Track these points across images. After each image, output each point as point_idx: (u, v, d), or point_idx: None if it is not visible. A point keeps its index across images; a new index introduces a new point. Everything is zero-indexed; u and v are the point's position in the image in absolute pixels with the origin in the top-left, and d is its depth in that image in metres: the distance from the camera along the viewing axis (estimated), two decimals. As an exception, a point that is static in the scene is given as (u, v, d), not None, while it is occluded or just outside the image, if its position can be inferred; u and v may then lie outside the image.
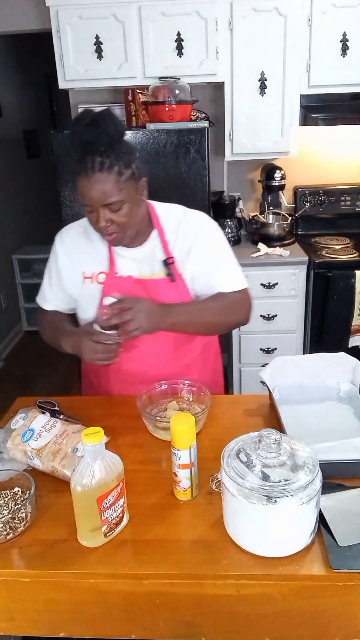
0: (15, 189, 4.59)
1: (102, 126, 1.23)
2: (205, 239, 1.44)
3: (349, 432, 1.24)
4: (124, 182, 1.27)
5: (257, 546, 0.93)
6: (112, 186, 1.25)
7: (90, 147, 1.24)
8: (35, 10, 2.94)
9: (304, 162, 3.16)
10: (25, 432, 1.18)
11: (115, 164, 1.25)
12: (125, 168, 1.27)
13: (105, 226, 1.30)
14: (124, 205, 1.29)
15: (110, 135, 1.25)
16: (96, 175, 1.24)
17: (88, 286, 1.46)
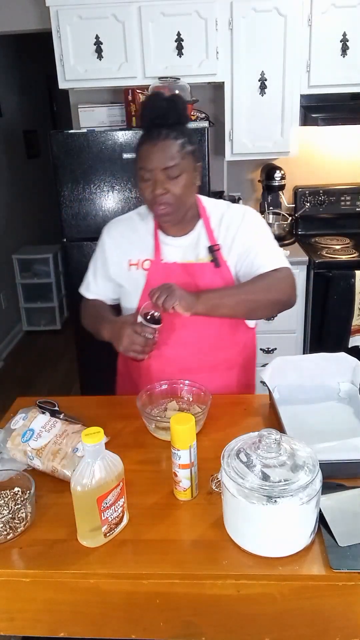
0: (15, 189, 4.59)
1: (174, 103, 1.36)
2: (248, 224, 1.49)
3: (349, 432, 1.24)
4: (185, 153, 1.35)
5: (257, 546, 0.93)
6: (174, 151, 1.33)
7: (160, 120, 1.34)
8: (35, 10, 2.95)
9: (304, 162, 3.16)
10: (25, 432, 1.18)
11: (180, 137, 1.35)
12: (188, 144, 1.37)
13: (161, 193, 1.35)
14: (182, 175, 1.35)
15: (180, 112, 1.37)
16: (161, 142, 1.33)
17: (133, 272, 1.50)
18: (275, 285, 1.43)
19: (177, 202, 1.37)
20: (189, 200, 1.42)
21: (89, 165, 2.62)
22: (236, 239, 1.46)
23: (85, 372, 2.98)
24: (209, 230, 1.48)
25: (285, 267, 1.45)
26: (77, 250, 2.72)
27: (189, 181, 1.38)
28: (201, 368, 1.48)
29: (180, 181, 1.35)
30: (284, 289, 1.44)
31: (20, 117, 4.83)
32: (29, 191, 4.90)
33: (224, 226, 1.48)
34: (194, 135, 1.42)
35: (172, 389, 1.40)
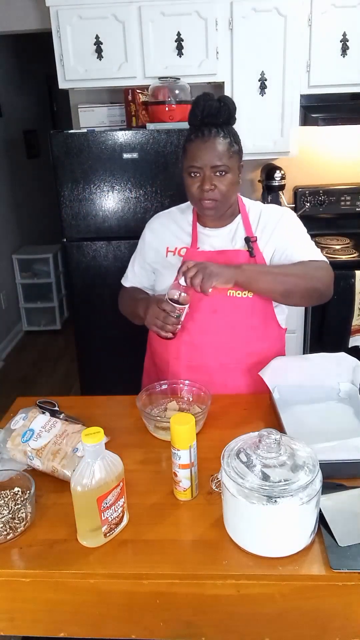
0: (15, 189, 4.59)
1: (225, 103, 1.40)
2: (287, 222, 1.54)
3: (349, 432, 1.24)
4: (233, 153, 1.42)
5: (257, 546, 0.93)
6: (224, 150, 1.40)
7: (211, 119, 1.40)
8: (35, 10, 2.95)
9: (304, 162, 3.16)
10: (25, 432, 1.18)
11: (229, 137, 1.42)
12: (236, 143, 1.44)
13: (209, 189, 1.40)
14: (228, 173, 1.42)
15: (230, 113, 1.42)
16: (212, 140, 1.39)
17: (170, 258, 1.57)
18: (314, 273, 1.47)
19: (223, 198, 1.43)
20: (233, 197, 1.48)
21: (89, 165, 2.62)
22: (274, 234, 1.51)
23: (85, 372, 2.98)
24: (246, 224, 1.53)
25: (323, 260, 1.51)
26: (77, 250, 2.71)
27: (234, 179, 1.44)
28: (230, 360, 1.51)
29: (227, 178, 1.42)
30: (323, 278, 1.47)
31: (20, 117, 4.83)
32: (29, 191, 4.90)
33: (263, 222, 1.53)
34: (238, 136, 1.47)
35: (172, 389, 1.40)
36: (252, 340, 1.53)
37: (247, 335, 1.52)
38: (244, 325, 1.50)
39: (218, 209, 1.46)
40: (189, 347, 1.52)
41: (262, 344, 1.54)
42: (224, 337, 1.50)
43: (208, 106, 1.39)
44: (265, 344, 1.55)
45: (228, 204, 1.48)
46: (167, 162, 2.60)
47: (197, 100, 1.41)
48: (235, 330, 1.50)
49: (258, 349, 1.53)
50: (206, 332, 1.50)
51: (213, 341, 1.51)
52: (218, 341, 1.51)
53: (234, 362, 1.52)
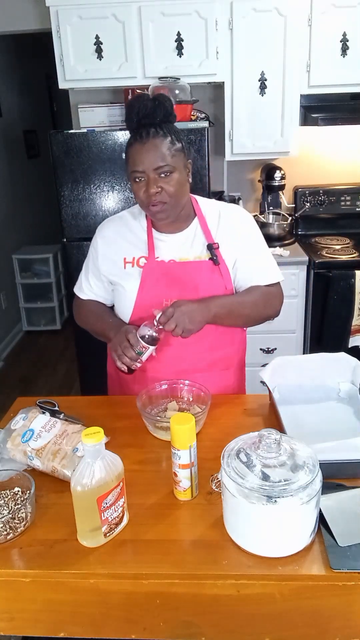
0: (15, 189, 4.59)
1: (160, 101, 1.35)
2: (248, 231, 1.52)
3: (349, 432, 1.24)
4: (175, 151, 1.36)
5: (257, 546, 0.93)
6: (165, 150, 1.34)
7: (147, 120, 1.34)
8: (35, 10, 2.94)
9: (304, 162, 3.16)
10: (25, 432, 1.18)
11: (169, 135, 1.35)
12: (177, 141, 1.37)
13: (154, 192, 1.35)
14: (174, 173, 1.36)
15: (167, 110, 1.36)
16: (150, 141, 1.33)
17: (129, 270, 1.49)
18: (271, 303, 1.55)
19: (172, 199, 1.37)
20: (183, 198, 1.42)
21: (89, 165, 2.62)
22: (236, 243, 1.48)
23: (85, 372, 2.98)
24: (205, 229, 1.48)
25: (277, 282, 1.56)
26: (77, 250, 2.72)
27: (181, 178, 1.38)
28: (198, 369, 1.48)
29: (174, 178, 1.36)
30: (275, 306, 1.57)
31: (20, 117, 4.83)
32: (29, 191, 4.90)
33: (223, 225, 1.49)
34: (181, 133, 1.41)
35: (172, 389, 1.40)
36: (220, 347, 1.52)
37: (214, 343, 1.50)
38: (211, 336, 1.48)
39: (168, 212, 1.40)
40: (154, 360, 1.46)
41: (229, 349, 1.55)
42: (192, 348, 1.47)
43: (143, 107, 1.34)
44: (232, 348, 1.56)
45: (179, 205, 1.42)
46: (167, 162, 2.60)
47: (131, 103, 1.37)
48: (203, 341, 1.47)
49: (226, 354, 1.54)
50: (173, 345, 1.46)
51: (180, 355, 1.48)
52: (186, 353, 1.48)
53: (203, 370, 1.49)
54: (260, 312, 1.53)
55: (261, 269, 1.52)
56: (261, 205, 3.17)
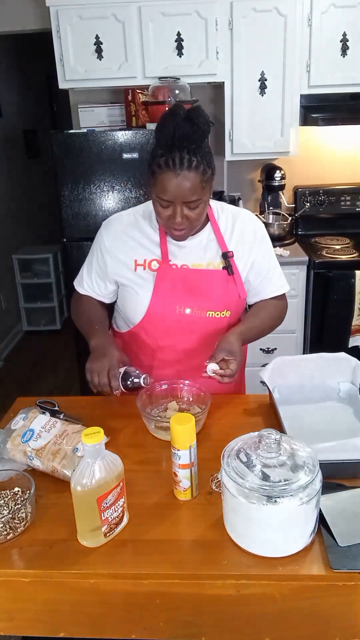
0: (15, 189, 4.59)
1: (197, 123, 1.24)
2: (262, 243, 1.50)
3: (349, 432, 1.24)
4: (206, 182, 1.29)
5: (257, 546, 0.93)
6: (196, 185, 1.27)
7: (182, 143, 1.23)
8: (35, 10, 2.95)
9: (304, 162, 3.16)
10: (25, 432, 1.18)
11: (202, 164, 1.26)
12: (208, 167, 1.29)
13: (180, 222, 1.32)
14: (201, 203, 1.32)
15: (204, 133, 1.26)
16: (184, 172, 1.24)
17: (140, 273, 1.45)
18: (281, 316, 1.58)
19: (194, 225, 1.36)
20: (204, 217, 1.39)
21: (89, 165, 2.62)
22: (251, 252, 1.47)
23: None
24: (218, 235, 1.46)
25: (284, 293, 1.57)
26: (77, 250, 2.72)
27: (206, 205, 1.36)
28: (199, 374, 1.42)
29: (200, 209, 1.32)
30: (282, 316, 1.58)
31: (20, 117, 4.83)
32: (29, 191, 4.90)
33: (238, 232, 1.47)
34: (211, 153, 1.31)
35: (172, 389, 1.40)
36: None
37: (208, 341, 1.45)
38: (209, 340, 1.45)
39: (189, 234, 1.39)
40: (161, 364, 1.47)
41: None
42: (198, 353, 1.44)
43: (178, 128, 1.22)
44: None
45: (199, 225, 1.41)
46: (167, 162, 2.60)
47: (164, 121, 1.25)
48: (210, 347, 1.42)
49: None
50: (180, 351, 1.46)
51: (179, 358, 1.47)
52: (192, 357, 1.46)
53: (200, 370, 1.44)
54: (272, 328, 1.56)
55: (272, 280, 1.53)
56: (261, 205, 3.17)
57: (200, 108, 1.27)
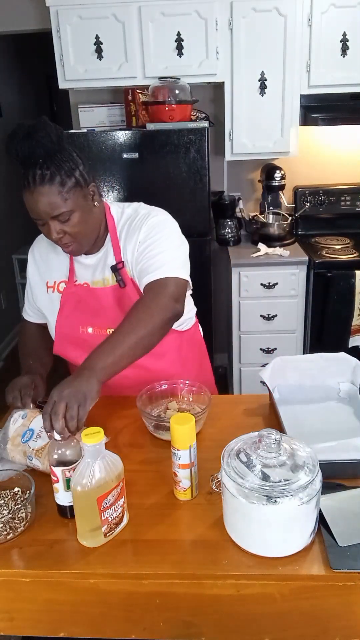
0: (15, 189, 4.59)
1: (36, 138, 1.19)
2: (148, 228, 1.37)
3: (349, 432, 1.24)
4: (68, 192, 1.23)
5: (257, 546, 0.93)
6: (56, 197, 1.22)
7: (28, 161, 1.20)
8: (35, 10, 2.95)
9: (304, 162, 3.16)
10: (25, 432, 1.19)
11: (57, 175, 1.21)
12: (67, 177, 1.23)
13: (57, 238, 1.28)
14: (73, 214, 1.26)
15: (46, 146, 1.20)
16: (38, 189, 1.21)
17: (51, 296, 1.46)
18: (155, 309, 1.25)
19: (78, 237, 1.30)
20: (92, 227, 1.34)
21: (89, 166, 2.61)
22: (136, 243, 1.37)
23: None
24: (115, 245, 1.40)
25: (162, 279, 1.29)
26: (77, 250, 2.71)
27: (84, 214, 1.28)
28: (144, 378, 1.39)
29: (73, 220, 1.26)
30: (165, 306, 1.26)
31: (20, 117, 4.82)
32: (29, 191, 4.90)
33: (128, 233, 1.39)
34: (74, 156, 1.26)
35: (172, 389, 1.40)
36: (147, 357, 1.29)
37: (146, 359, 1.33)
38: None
39: (80, 247, 1.33)
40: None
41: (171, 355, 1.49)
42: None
43: (21, 148, 1.19)
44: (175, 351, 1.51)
45: (90, 236, 1.34)
46: (167, 162, 2.60)
47: (8, 145, 1.21)
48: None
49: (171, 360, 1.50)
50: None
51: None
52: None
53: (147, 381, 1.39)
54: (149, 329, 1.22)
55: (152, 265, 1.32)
56: (261, 205, 3.17)
57: (44, 120, 1.22)
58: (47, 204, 1.22)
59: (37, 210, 1.23)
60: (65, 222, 1.26)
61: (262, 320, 2.86)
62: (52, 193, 1.21)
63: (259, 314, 2.85)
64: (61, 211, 1.23)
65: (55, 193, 1.21)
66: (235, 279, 2.81)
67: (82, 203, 1.27)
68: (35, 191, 1.21)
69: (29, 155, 1.19)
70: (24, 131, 1.20)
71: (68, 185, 1.23)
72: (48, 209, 1.23)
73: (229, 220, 3.08)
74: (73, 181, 1.24)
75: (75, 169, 1.25)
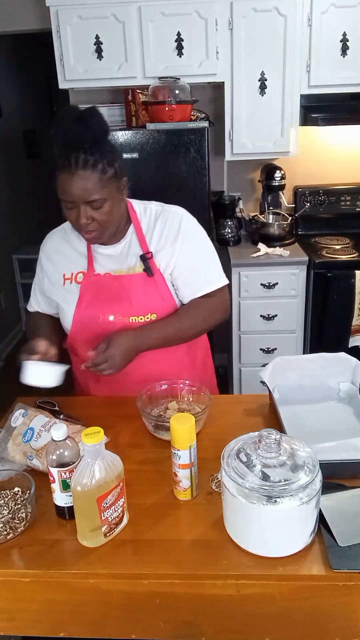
0: (15, 189, 4.59)
1: (87, 123, 1.24)
2: (186, 236, 1.44)
3: (349, 432, 1.24)
4: (107, 181, 1.28)
5: (257, 546, 0.93)
6: (95, 184, 1.26)
7: (75, 144, 1.24)
8: (35, 10, 2.94)
9: (304, 162, 3.16)
10: (26, 431, 1.19)
11: (99, 162, 1.25)
12: (109, 166, 1.28)
13: (85, 223, 1.30)
14: (106, 203, 1.30)
15: (95, 133, 1.25)
16: (79, 172, 1.24)
17: (68, 287, 1.47)
18: (214, 313, 1.48)
19: (104, 226, 1.33)
20: (117, 219, 1.37)
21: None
22: (174, 251, 1.43)
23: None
24: (140, 237, 1.44)
25: (220, 288, 1.48)
26: (77, 250, 2.71)
27: (114, 205, 1.33)
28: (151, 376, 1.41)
29: (105, 208, 1.30)
30: (221, 313, 1.51)
31: (20, 117, 4.83)
32: (29, 191, 4.90)
33: (157, 234, 1.44)
34: (115, 148, 1.32)
35: (172, 389, 1.40)
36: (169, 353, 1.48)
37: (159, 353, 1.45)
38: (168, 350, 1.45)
39: (101, 236, 1.36)
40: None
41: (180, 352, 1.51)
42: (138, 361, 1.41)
43: (71, 129, 1.22)
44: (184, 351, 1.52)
45: (112, 228, 1.37)
46: (167, 162, 2.60)
47: (56, 124, 1.25)
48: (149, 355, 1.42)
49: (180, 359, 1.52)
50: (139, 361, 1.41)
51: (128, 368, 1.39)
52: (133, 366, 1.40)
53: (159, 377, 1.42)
54: (200, 329, 1.49)
55: (199, 277, 1.46)
56: (261, 205, 3.17)
57: (95, 109, 1.27)
58: (85, 188, 1.25)
59: (73, 193, 1.26)
60: (96, 210, 1.29)
61: (262, 320, 2.86)
62: (93, 179, 1.25)
63: (259, 314, 2.85)
64: (96, 198, 1.27)
65: (95, 179, 1.25)
66: (235, 279, 2.81)
67: (115, 194, 1.32)
68: (77, 174, 1.24)
69: (77, 138, 1.23)
70: (75, 114, 1.25)
71: (108, 174, 1.28)
72: (84, 194, 1.26)
73: (229, 220, 3.08)
74: (112, 171, 1.29)
75: (115, 160, 1.30)
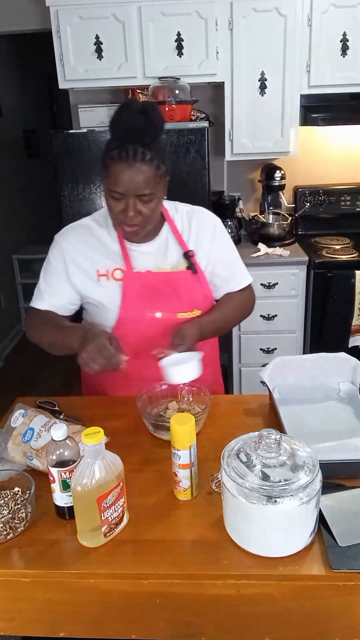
0: (15, 189, 4.59)
1: (151, 117, 1.25)
2: (220, 237, 1.51)
3: (349, 432, 1.24)
4: (159, 177, 1.30)
5: (257, 546, 0.93)
6: (149, 178, 1.27)
7: (136, 136, 1.24)
8: (35, 10, 2.94)
9: (304, 162, 3.16)
10: (26, 431, 1.18)
11: (156, 158, 1.27)
12: (162, 163, 1.30)
13: (132, 216, 1.30)
14: (154, 198, 1.31)
15: (157, 128, 1.27)
16: (137, 165, 1.25)
17: (104, 284, 1.43)
18: (246, 307, 1.61)
19: (147, 221, 1.34)
20: (156, 216, 1.38)
21: (89, 165, 2.61)
22: (210, 249, 1.48)
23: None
24: (177, 235, 1.46)
25: (249, 284, 1.60)
26: (77, 250, 2.71)
27: (158, 202, 1.35)
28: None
29: (152, 204, 1.31)
30: (251, 308, 1.63)
31: (20, 117, 4.83)
32: (29, 191, 4.90)
33: (194, 234, 1.47)
34: (165, 150, 1.34)
35: (172, 389, 1.40)
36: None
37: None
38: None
39: (141, 231, 1.37)
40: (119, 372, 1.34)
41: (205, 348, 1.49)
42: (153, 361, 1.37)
43: (132, 121, 1.23)
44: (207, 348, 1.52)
45: (152, 223, 1.38)
46: (167, 162, 2.60)
47: (119, 112, 1.26)
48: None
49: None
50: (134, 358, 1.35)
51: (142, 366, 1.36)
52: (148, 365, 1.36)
53: None
54: (238, 320, 1.63)
55: (235, 274, 1.56)
56: (261, 205, 3.17)
57: (156, 104, 1.29)
58: (141, 181, 1.26)
59: (127, 185, 1.26)
60: (145, 204, 1.30)
61: (262, 320, 2.86)
62: (149, 173, 1.26)
63: (259, 313, 2.84)
64: (148, 192, 1.28)
65: (151, 173, 1.27)
66: (235, 279, 2.81)
67: (162, 191, 1.34)
68: (134, 166, 1.25)
69: (139, 130, 1.24)
70: (139, 106, 1.26)
71: (161, 171, 1.30)
72: (138, 186, 1.27)
73: (229, 220, 3.08)
74: (164, 169, 1.31)
75: (166, 159, 1.33)
